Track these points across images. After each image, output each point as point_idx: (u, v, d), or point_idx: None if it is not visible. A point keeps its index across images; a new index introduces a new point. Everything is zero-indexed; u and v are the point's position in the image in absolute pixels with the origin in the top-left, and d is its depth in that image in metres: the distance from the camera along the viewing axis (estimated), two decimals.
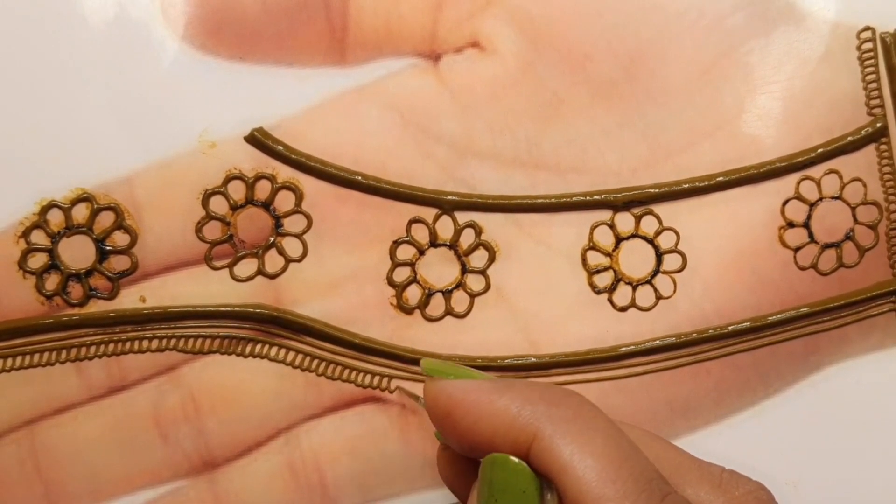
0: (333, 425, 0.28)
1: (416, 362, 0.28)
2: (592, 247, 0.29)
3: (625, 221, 0.30)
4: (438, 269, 0.29)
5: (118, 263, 0.27)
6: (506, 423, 0.21)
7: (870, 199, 0.30)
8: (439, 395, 0.22)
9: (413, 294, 0.29)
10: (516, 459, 0.21)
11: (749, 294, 0.30)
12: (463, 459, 0.24)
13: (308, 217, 0.28)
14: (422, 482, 0.29)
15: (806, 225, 0.30)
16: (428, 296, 0.29)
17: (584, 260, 0.29)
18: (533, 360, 0.29)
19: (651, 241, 0.30)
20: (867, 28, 0.30)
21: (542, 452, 0.20)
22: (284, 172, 0.28)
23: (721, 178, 0.30)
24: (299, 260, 0.28)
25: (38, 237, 0.27)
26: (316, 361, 0.28)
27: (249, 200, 0.28)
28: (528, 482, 0.21)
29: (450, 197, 0.29)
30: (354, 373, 0.28)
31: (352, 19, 0.28)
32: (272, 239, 0.28)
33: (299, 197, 0.28)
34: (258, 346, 0.28)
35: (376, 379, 0.28)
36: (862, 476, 0.30)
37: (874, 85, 0.30)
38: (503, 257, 0.29)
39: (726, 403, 0.30)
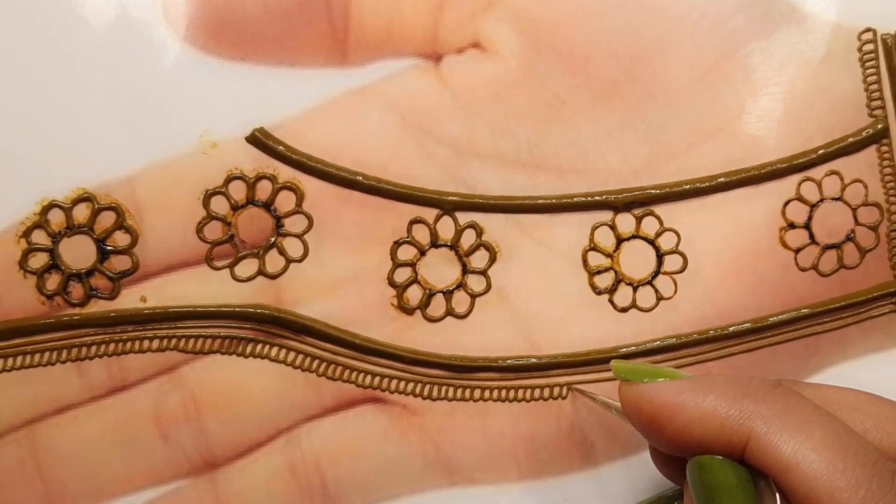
0: (334, 426, 0.28)
1: (416, 363, 0.28)
2: (593, 247, 0.29)
3: (626, 222, 0.30)
4: (439, 269, 0.29)
5: (119, 263, 0.27)
6: (716, 425, 0.21)
7: (871, 200, 0.30)
8: (640, 400, 0.22)
9: (414, 294, 0.29)
10: (719, 458, 0.21)
11: (750, 295, 0.30)
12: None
13: (309, 217, 0.28)
14: (422, 483, 0.29)
15: (807, 226, 0.30)
16: (429, 296, 0.29)
17: (584, 261, 0.29)
18: (534, 360, 0.29)
19: (652, 242, 0.30)
20: (868, 29, 0.30)
21: (760, 452, 0.20)
22: (285, 173, 0.28)
23: (722, 179, 0.30)
24: (300, 260, 0.28)
25: (39, 237, 0.27)
26: (317, 362, 0.28)
27: (250, 201, 0.28)
28: (739, 478, 0.21)
29: (451, 197, 0.29)
30: (355, 373, 0.28)
31: (353, 20, 0.28)
32: (273, 239, 0.28)
33: (300, 197, 0.28)
34: (259, 347, 0.28)
35: (377, 379, 0.28)
36: None
37: (875, 86, 0.30)
38: (504, 258, 0.29)
39: None
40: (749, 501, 0.21)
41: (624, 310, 0.30)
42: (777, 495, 0.20)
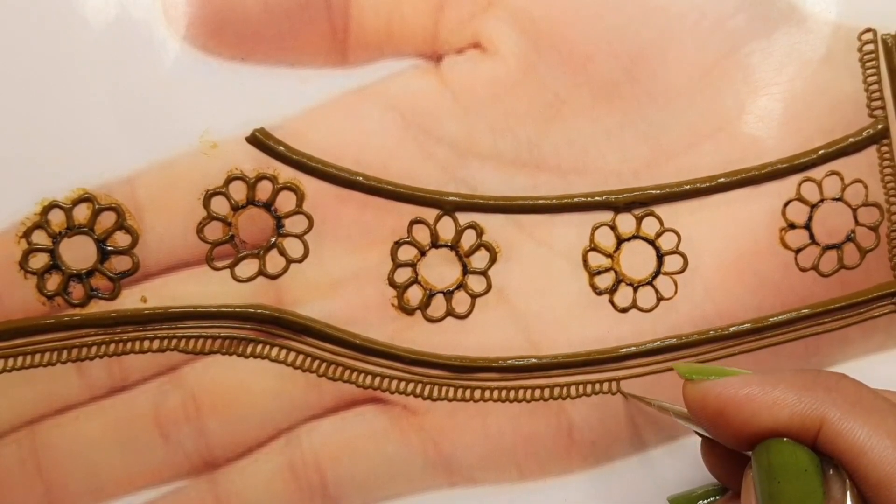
0: (334, 426, 0.28)
1: (417, 363, 0.28)
2: (593, 248, 0.29)
3: (626, 222, 0.30)
4: (439, 269, 0.29)
5: (119, 264, 0.27)
6: (787, 413, 0.21)
7: (871, 200, 0.30)
8: (707, 395, 0.23)
9: (414, 295, 0.29)
10: (789, 440, 0.21)
11: (750, 295, 0.30)
12: (731, 450, 0.25)
13: (309, 217, 0.28)
14: (422, 483, 0.29)
15: (807, 226, 0.30)
16: (429, 297, 0.29)
17: (585, 261, 0.29)
18: (534, 360, 0.29)
19: (652, 243, 0.30)
20: (868, 30, 0.30)
21: (834, 438, 0.21)
22: (286, 173, 0.28)
23: (722, 180, 0.30)
24: (300, 260, 0.28)
25: (40, 237, 0.27)
26: (317, 362, 0.28)
27: (251, 201, 0.28)
28: (808, 461, 0.21)
29: (451, 198, 0.29)
30: (355, 373, 0.28)
31: (353, 20, 0.28)
32: (273, 239, 0.28)
33: (300, 197, 0.28)
34: (259, 347, 0.28)
35: (377, 380, 0.28)
36: None
37: (875, 86, 0.30)
38: (504, 258, 0.29)
39: None
40: (817, 486, 0.21)
41: (624, 310, 0.30)
42: (847, 482, 0.20)
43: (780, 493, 0.21)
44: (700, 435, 0.26)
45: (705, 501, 0.27)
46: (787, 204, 0.30)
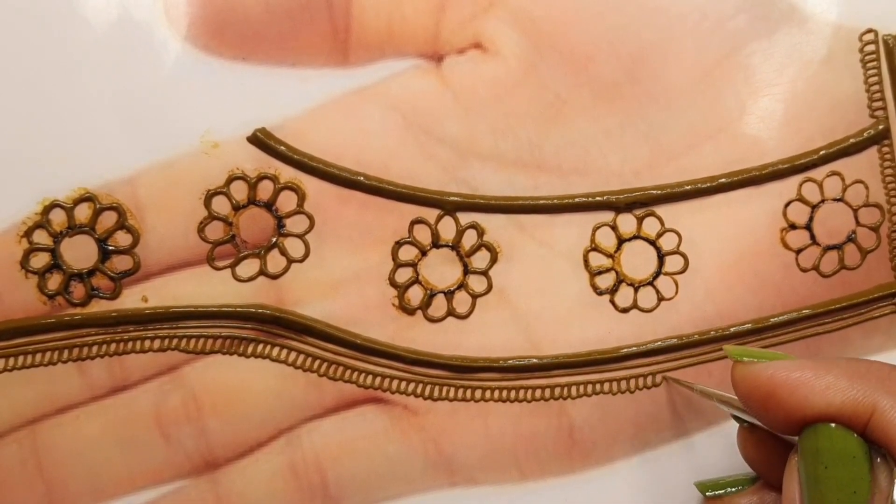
0: (335, 426, 0.28)
1: (417, 363, 0.28)
2: (594, 248, 0.29)
3: (627, 223, 0.30)
4: (440, 269, 0.29)
5: (120, 263, 0.27)
6: (839, 398, 0.21)
7: (872, 201, 0.30)
8: (758, 377, 0.23)
9: (415, 295, 0.29)
10: (838, 426, 0.21)
11: (751, 295, 0.30)
12: (770, 438, 0.25)
13: (310, 217, 0.28)
14: (423, 483, 0.29)
15: (808, 227, 0.30)
16: (430, 297, 0.29)
17: (585, 261, 0.29)
18: (534, 361, 0.29)
19: (653, 243, 0.30)
20: (869, 30, 0.30)
21: (885, 426, 0.21)
22: (287, 173, 0.28)
23: (723, 180, 0.30)
24: (301, 260, 0.28)
25: (41, 237, 0.27)
26: (318, 362, 0.28)
27: (252, 201, 0.28)
28: (857, 448, 0.21)
29: (452, 198, 0.29)
30: (356, 373, 0.28)
31: (354, 20, 0.28)
32: (274, 239, 0.28)
33: (301, 197, 0.28)
34: (260, 347, 0.28)
35: (378, 380, 0.28)
36: None
37: (876, 87, 0.30)
38: (505, 258, 0.29)
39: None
40: (865, 473, 0.21)
41: (625, 310, 0.30)
42: (890, 464, 0.21)
43: (827, 477, 0.21)
44: (739, 420, 0.26)
45: (734, 489, 0.27)
46: (787, 204, 0.30)
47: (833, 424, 0.21)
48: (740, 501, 0.26)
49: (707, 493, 0.27)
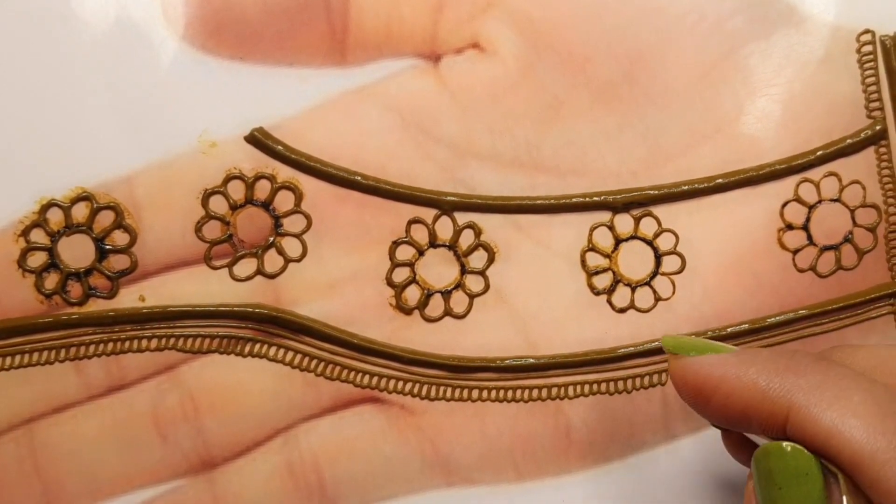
0: (332, 425, 0.28)
1: (415, 363, 0.28)
2: (592, 248, 0.29)
3: (624, 223, 0.30)
4: (438, 269, 0.29)
5: (118, 262, 0.27)
6: (757, 397, 0.21)
7: (869, 201, 0.30)
8: (685, 372, 0.23)
9: (412, 294, 0.29)
10: (790, 445, 0.21)
11: (748, 296, 0.30)
12: (746, 436, 0.25)
13: (308, 217, 0.28)
14: (420, 483, 0.29)
15: (805, 227, 0.30)
16: (427, 296, 0.29)
17: (583, 261, 0.29)
18: (532, 361, 0.29)
19: (650, 243, 0.30)
20: (867, 31, 0.30)
21: (802, 423, 0.21)
22: (284, 172, 0.28)
23: (720, 181, 0.30)
24: (299, 260, 0.28)
25: (38, 236, 0.27)
26: (315, 361, 0.28)
27: (249, 200, 0.28)
28: (809, 464, 0.21)
29: (449, 198, 0.29)
30: (353, 373, 0.28)
31: (352, 20, 0.28)
32: (272, 239, 0.28)
33: (299, 197, 0.28)
34: (257, 346, 0.28)
35: (375, 379, 0.28)
36: None
37: (874, 88, 0.30)
38: (502, 258, 0.29)
39: None
40: (818, 489, 0.21)
41: (622, 310, 0.30)
42: (842, 479, 0.20)
43: (782, 498, 0.21)
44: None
45: None
46: (785, 205, 0.30)
47: (784, 443, 0.21)
48: None
49: None
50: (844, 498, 0.20)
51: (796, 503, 0.21)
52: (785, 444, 0.21)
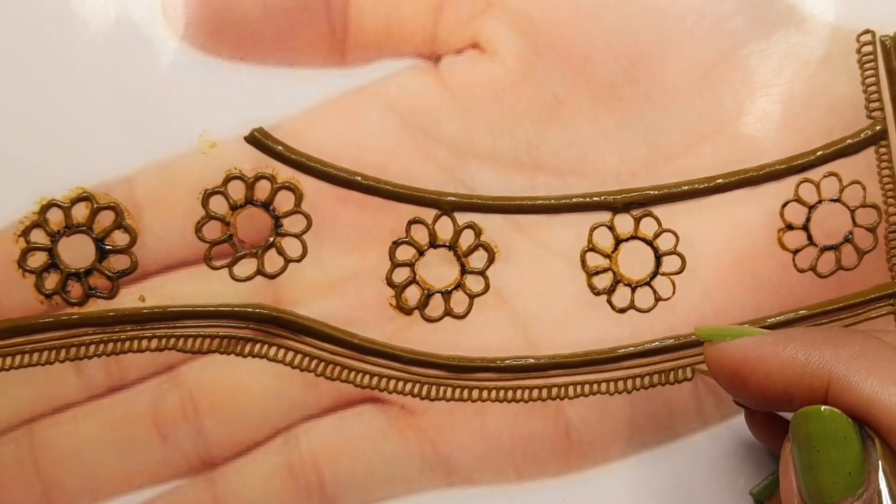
0: (332, 426, 0.28)
1: (415, 363, 0.28)
2: (592, 248, 0.29)
3: (624, 223, 0.30)
4: (438, 269, 0.29)
5: (118, 263, 0.27)
6: (797, 372, 0.22)
7: (869, 201, 0.30)
8: (722, 356, 0.23)
9: (412, 295, 0.29)
10: (828, 408, 0.21)
11: (748, 296, 0.30)
12: (773, 416, 0.26)
13: (308, 217, 0.28)
14: (420, 483, 0.29)
15: (805, 227, 0.30)
16: (427, 296, 0.29)
17: (583, 261, 0.29)
18: (532, 361, 0.29)
19: (650, 243, 0.30)
20: (867, 31, 0.30)
21: (842, 393, 0.21)
22: (284, 172, 0.28)
23: (720, 181, 0.30)
24: (299, 260, 0.28)
25: (38, 236, 0.27)
26: (315, 362, 0.28)
27: (249, 200, 0.28)
28: (847, 428, 0.21)
29: (449, 198, 0.29)
30: (353, 373, 0.28)
31: (352, 20, 0.28)
32: (272, 239, 0.28)
33: (299, 197, 0.28)
34: (257, 346, 0.28)
35: (375, 379, 0.28)
36: None
37: (874, 88, 0.30)
38: (502, 258, 0.29)
39: (726, 405, 0.30)
40: (857, 452, 0.21)
41: (622, 310, 0.30)
42: (878, 442, 0.21)
43: (820, 461, 0.21)
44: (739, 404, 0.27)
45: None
46: (785, 205, 0.30)
47: (823, 407, 0.21)
48: None
49: (765, 497, 0.28)
50: (881, 462, 0.20)
51: (834, 466, 0.21)
52: (824, 407, 0.21)
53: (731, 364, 0.23)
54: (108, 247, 0.27)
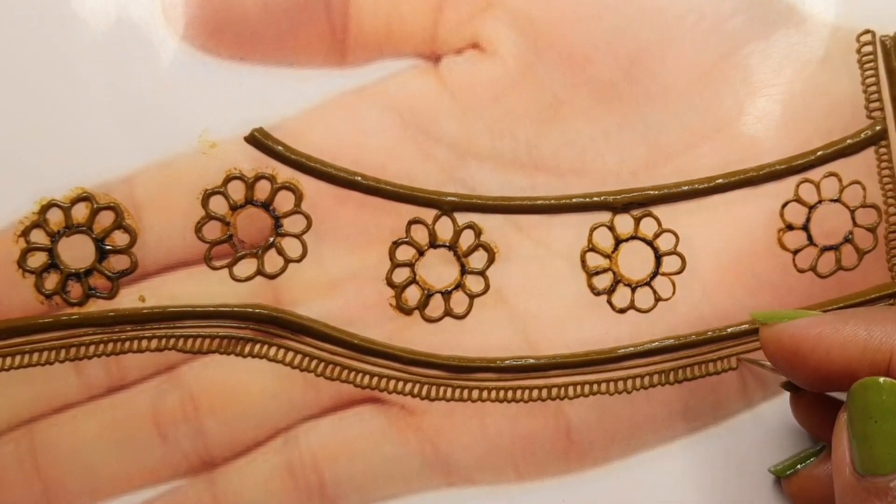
0: (332, 426, 0.28)
1: (415, 363, 0.28)
2: (592, 248, 0.29)
3: (624, 223, 0.30)
4: (438, 269, 0.29)
5: (118, 263, 0.27)
6: (858, 347, 0.22)
7: (869, 201, 0.30)
8: (781, 337, 0.24)
9: (412, 295, 0.29)
10: (887, 380, 0.22)
11: (748, 296, 0.30)
12: (819, 401, 0.26)
13: (308, 217, 0.28)
14: (420, 483, 0.29)
15: (805, 227, 0.30)
16: (427, 297, 0.29)
17: (583, 261, 0.29)
18: (532, 361, 0.29)
19: (650, 243, 0.30)
20: (867, 31, 0.30)
21: None
22: (284, 173, 0.28)
23: (720, 181, 0.30)
24: (299, 260, 0.28)
25: (38, 236, 0.27)
26: (315, 362, 0.28)
27: (249, 200, 0.28)
28: None
29: (449, 198, 0.29)
30: (353, 373, 0.28)
31: (352, 20, 0.28)
32: (272, 239, 0.28)
33: (299, 197, 0.28)
34: (257, 347, 0.28)
35: (375, 379, 0.28)
36: None
37: (874, 88, 0.30)
38: (502, 258, 0.29)
39: (725, 405, 0.30)
40: None
41: (622, 311, 0.30)
42: None
43: (876, 432, 0.21)
44: (790, 388, 0.27)
45: (802, 465, 0.28)
46: (785, 205, 0.30)
47: (882, 379, 0.22)
48: (817, 472, 0.27)
49: (785, 474, 0.28)
50: None
51: (890, 437, 0.21)
52: (883, 379, 0.22)
53: (790, 344, 0.23)
54: (108, 247, 0.27)
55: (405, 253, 0.29)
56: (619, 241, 0.30)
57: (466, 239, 0.29)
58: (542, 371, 0.29)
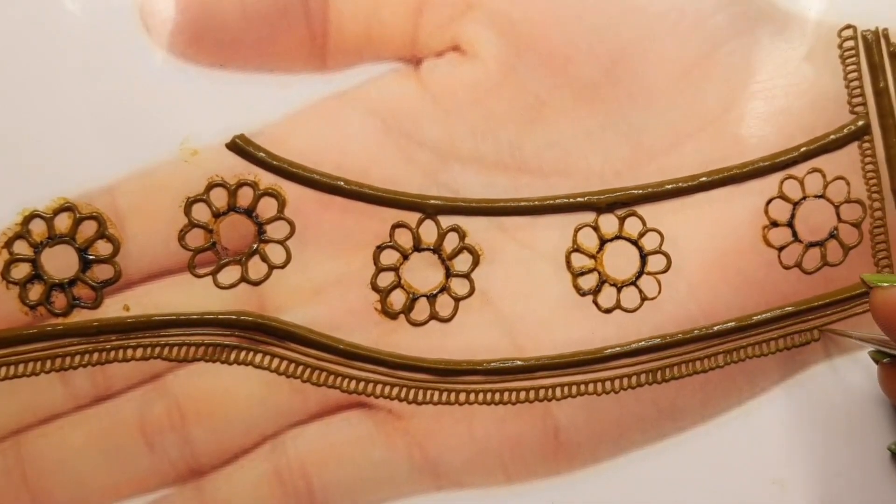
0: (319, 431, 0.28)
1: (401, 367, 0.28)
2: (576, 249, 0.29)
3: (609, 223, 0.30)
4: (422, 273, 0.29)
5: (101, 272, 0.27)
6: None
7: (853, 197, 0.30)
8: (892, 299, 0.24)
9: (397, 299, 0.29)
10: None
11: (734, 294, 0.30)
12: None
13: (291, 223, 0.28)
14: (409, 487, 0.29)
15: (790, 224, 0.30)
16: (412, 300, 0.29)
17: (568, 262, 0.29)
18: (518, 363, 0.29)
19: (635, 243, 0.30)
20: (849, 26, 0.30)
21: None
22: (266, 179, 0.28)
23: (704, 179, 0.30)
24: (283, 266, 0.28)
25: (21, 247, 0.27)
26: (301, 368, 0.28)
27: (232, 207, 0.28)
28: None
29: (433, 201, 0.29)
30: (340, 378, 0.28)
31: (332, 25, 0.28)
32: (255, 246, 0.28)
33: (282, 203, 0.28)
34: (243, 354, 0.28)
35: (362, 384, 0.28)
36: (848, 474, 0.30)
37: (856, 83, 0.30)
38: (487, 261, 0.29)
39: (713, 403, 0.30)
40: None
41: (608, 310, 0.30)
42: None
43: None
44: (881, 357, 0.27)
45: None
46: (769, 202, 0.30)
47: None
48: None
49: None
50: None
51: None
52: None
53: None
54: (91, 257, 0.27)
55: (389, 257, 0.29)
56: (603, 241, 0.30)
57: (451, 242, 0.29)
58: (529, 372, 0.29)
